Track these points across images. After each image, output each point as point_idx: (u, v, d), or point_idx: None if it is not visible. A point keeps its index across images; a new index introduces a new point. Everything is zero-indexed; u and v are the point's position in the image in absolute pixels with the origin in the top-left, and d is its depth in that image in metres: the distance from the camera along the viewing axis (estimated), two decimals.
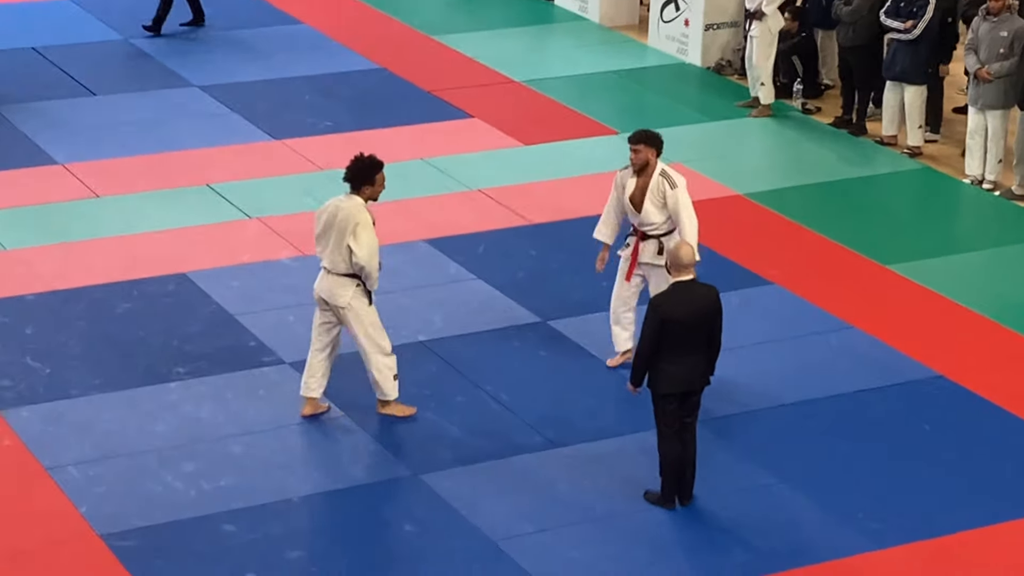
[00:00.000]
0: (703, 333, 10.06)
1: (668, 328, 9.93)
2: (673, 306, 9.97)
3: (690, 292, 10.02)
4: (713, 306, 10.07)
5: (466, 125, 16.56)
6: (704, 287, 10.14)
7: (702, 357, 10.10)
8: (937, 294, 13.24)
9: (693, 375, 10.07)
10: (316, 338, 11.11)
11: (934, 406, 11.59)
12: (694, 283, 10.07)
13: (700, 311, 10.02)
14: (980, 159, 15.41)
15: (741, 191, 15.11)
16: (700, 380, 10.14)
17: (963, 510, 10.37)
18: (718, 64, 18.35)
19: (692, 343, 10.02)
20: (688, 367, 10.03)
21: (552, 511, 10.24)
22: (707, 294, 10.10)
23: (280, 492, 10.35)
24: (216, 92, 17.19)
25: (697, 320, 10.01)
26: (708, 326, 10.07)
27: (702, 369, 10.12)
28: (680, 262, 10.02)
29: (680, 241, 10.20)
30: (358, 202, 11.03)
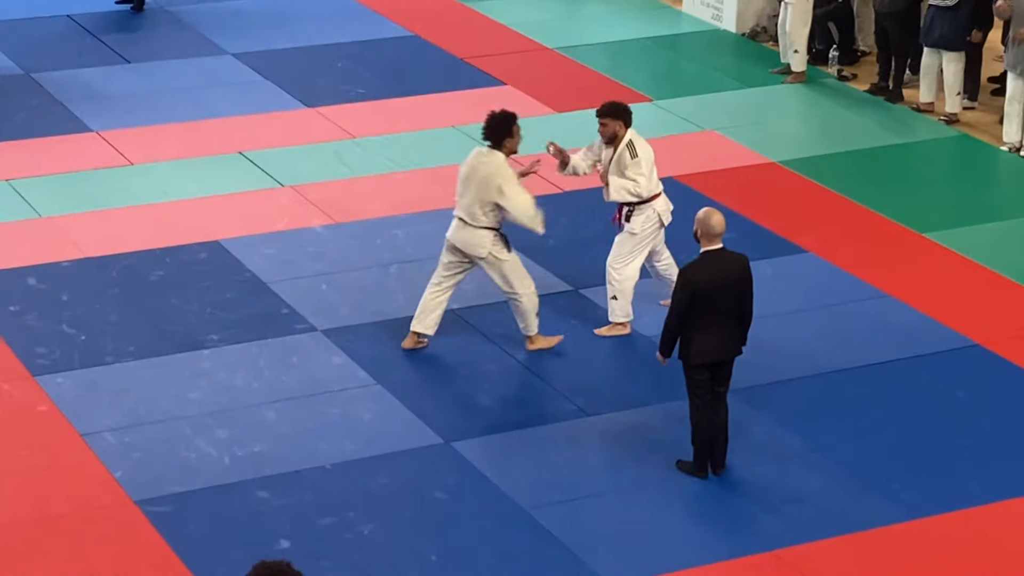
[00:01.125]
0: (734, 302, 9.99)
1: (699, 297, 9.88)
2: (703, 275, 9.92)
3: (720, 260, 9.97)
4: (743, 274, 10.00)
5: (499, 92, 16.52)
6: (734, 255, 10.07)
7: (734, 327, 10.04)
8: (973, 262, 13.16)
9: (725, 345, 10.02)
10: (438, 275, 11.51)
11: (969, 375, 11.53)
12: (724, 251, 10.00)
13: (730, 280, 9.95)
14: (1018, 126, 15.29)
15: (776, 159, 15.04)
16: (732, 350, 10.08)
17: (998, 480, 10.31)
18: (753, 30, 18.24)
19: (723, 312, 9.96)
20: (720, 337, 9.99)
21: (583, 479, 10.23)
22: (737, 261, 10.03)
23: (312, 459, 10.37)
24: (249, 60, 17.20)
25: (727, 289, 9.94)
26: (739, 295, 9.99)
27: (734, 339, 10.06)
28: (711, 231, 9.96)
29: (710, 209, 10.16)
30: (499, 159, 11.36)
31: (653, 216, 11.75)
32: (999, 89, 16.31)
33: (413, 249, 13.18)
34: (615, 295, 11.83)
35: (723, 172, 14.71)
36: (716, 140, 15.45)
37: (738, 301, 10.00)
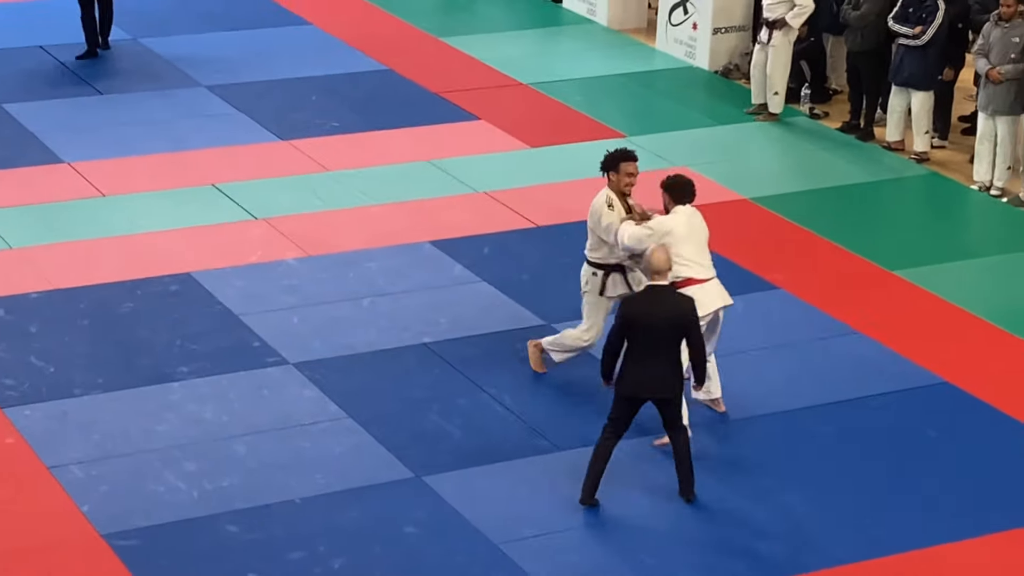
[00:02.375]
0: (670, 343, 9.98)
1: (633, 330, 9.94)
2: (638, 308, 10.00)
3: (661, 298, 10.01)
4: (684, 318, 9.99)
5: (472, 127, 16.55)
6: (679, 297, 10.12)
7: (667, 367, 10.02)
8: (943, 300, 13.21)
9: (654, 383, 10.03)
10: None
11: (939, 412, 11.56)
12: (667, 290, 10.05)
13: (667, 319, 9.95)
14: (988, 165, 15.38)
15: (748, 195, 15.09)
16: (660, 390, 10.08)
17: (968, 517, 10.34)
18: (726, 68, 18.32)
19: (656, 350, 9.96)
20: (649, 374, 10.00)
21: (554, 514, 10.21)
22: (680, 303, 10.04)
23: (282, 493, 10.34)
24: (223, 92, 17.20)
25: (663, 328, 9.94)
26: (676, 336, 9.98)
27: (666, 380, 10.04)
28: (653, 267, 10.01)
29: (656, 246, 10.19)
30: (603, 194, 11.39)
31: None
32: (970, 128, 16.41)
33: (386, 282, 13.18)
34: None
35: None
36: (689, 176, 15.46)
37: (675, 342, 9.98)
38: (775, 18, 16.69)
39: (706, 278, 10.98)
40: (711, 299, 10.93)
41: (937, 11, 15.68)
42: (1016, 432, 11.31)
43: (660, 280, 10.04)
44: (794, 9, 16.55)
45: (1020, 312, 13.05)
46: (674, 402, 10.17)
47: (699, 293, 10.78)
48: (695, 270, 10.94)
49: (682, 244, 10.91)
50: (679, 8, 18.61)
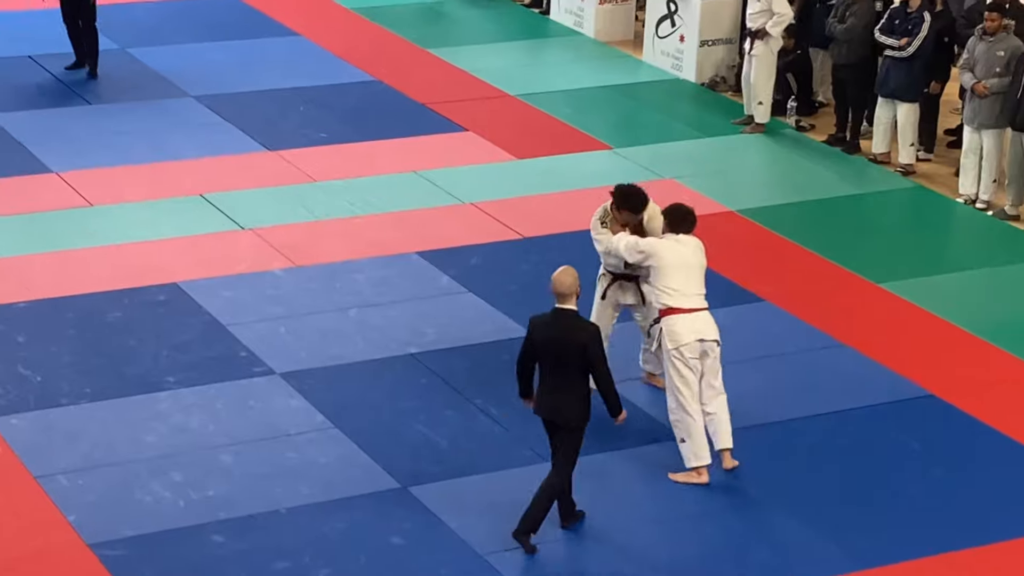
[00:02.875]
0: (569, 369, 9.73)
1: (534, 350, 9.86)
2: (539, 329, 9.84)
3: (563, 322, 9.76)
4: (573, 345, 9.68)
5: (460, 138, 16.59)
6: (581, 323, 9.81)
7: (566, 393, 9.77)
8: (928, 313, 13.25)
9: (553, 406, 9.85)
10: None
11: (924, 425, 11.59)
12: (569, 314, 9.76)
13: (563, 344, 9.71)
14: (974, 178, 15.44)
15: (734, 207, 15.13)
16: (559, 414, 9.83)
17: (952, 530, 10.37)
18: (712, 80, 18.38)
19: (556, 374, 9.78)
20: (550, 397, 9.86)
21: (541, 526, 10.22)
22: (573, 328, 9.73)
23: (268, 503, 10.35)
24: (211, 102, 17.21)
25: (560, 352, 9.72)
26: (573, 363, 9.72)
27: (566, 406, 9.79)
28: (556, 289, 9.79)
29: (565, 268, 9.93)
30: (602, 208, 11.41)
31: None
32: (955, 141, 16.48)
33: (373, 293, 13.20)
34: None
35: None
36: (675, 188, 15.52)
37: (572, 369, 9.73)
38: (756, 28, 16.78)
39: (689, 308, 10.69)
40: (685, 330, 10.63)
41: (923, 23, 15.75)
42: (1000, 444, 11.36)
43: (563, 303, 9.76)
44: (773, 18, 16.63)
45: (1005, 325, 13.10)
46: (569, 433, 9.84)
47: (676, 323, 10.61)
48: (677, 299, 10.68)
49: (668, 272, 10.73)
50: (666, 20, 18.67)
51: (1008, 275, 14.13)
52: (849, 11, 16.35)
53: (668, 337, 10.67)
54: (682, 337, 10.62)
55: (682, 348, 10.61)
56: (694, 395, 10.69)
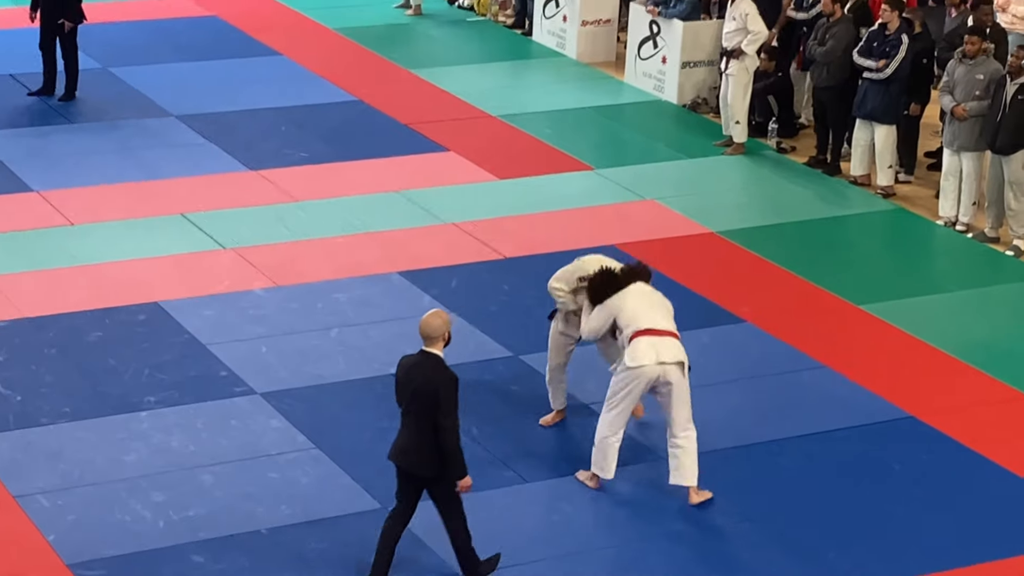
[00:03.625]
0: (420, 413, 9.39)
1: (396, 388, 9.59)
2: (401, 371, 9.54)
3: (422, 365, 9.43)
4: (427, 389, 9.34)
5: (441, 158, 16.61)
6: (433, 370, 9.37)
7: (416, 439, 9.43)
8: (908, 335, 13.29)
9: (402, 449, 9.54)
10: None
11: (904, 447, 11.62)
12: (429, 357, 9.41)
13: (407, 384, 9.43)
14: (954, 201, 15.49)
15: (715, 229, 15.16)
16: (408, 459, 9.50)
17: (932, 552, 10.39)
18: (694, 102, 18.43)
19: (409, 416, 9.49)
20: (403, 440, 9.56)
21: (521, 547, 10.23)
22: (431, 373, 9.36)
23: (249, 523, 10.33)
24: (193, 122, 17.21)
25: (410, 393, 9.42)
26: (425, 408, 9.36)
27: (417, 451, 9.44)
28: (421, 331, 9.46)
29: (434, 311, 9.58)
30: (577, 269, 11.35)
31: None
32: (935, 164, 16.54)
33: (354, 313, 13.19)
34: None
35: (663, 241, 14.82)
36: (656, 209, 15.57)
37: (427, 415, 9.37)
38: (732, 47, 16.86)
39: (657, 329, 10.50)
40: (644, 352, 10.41)
41: (900, 45, 15.82)
42: (980, 467, 11.39)
43: (429, 346, 9.42)
44: (748, 36, 16.71)
45: (985, 347, 13.14)
46: (433, 483, 9.51)
47: (639, 344, 10.41)
48: (643, 322, 10.51)
49: (636, 313, 10.55)
50: (648, 42, 18.72)
51: (988, 297, 14.18)
52: (829, 33, 16.42)
53: (628, 357, 10.46)
54: (637, 359, 10.43)
55: (642, 369, 10.41)
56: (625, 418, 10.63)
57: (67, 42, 17.48)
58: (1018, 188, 14.92)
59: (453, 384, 9.40)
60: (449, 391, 9.36)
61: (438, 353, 9.46)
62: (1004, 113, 14.81)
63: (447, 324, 9.48)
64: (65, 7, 17.31)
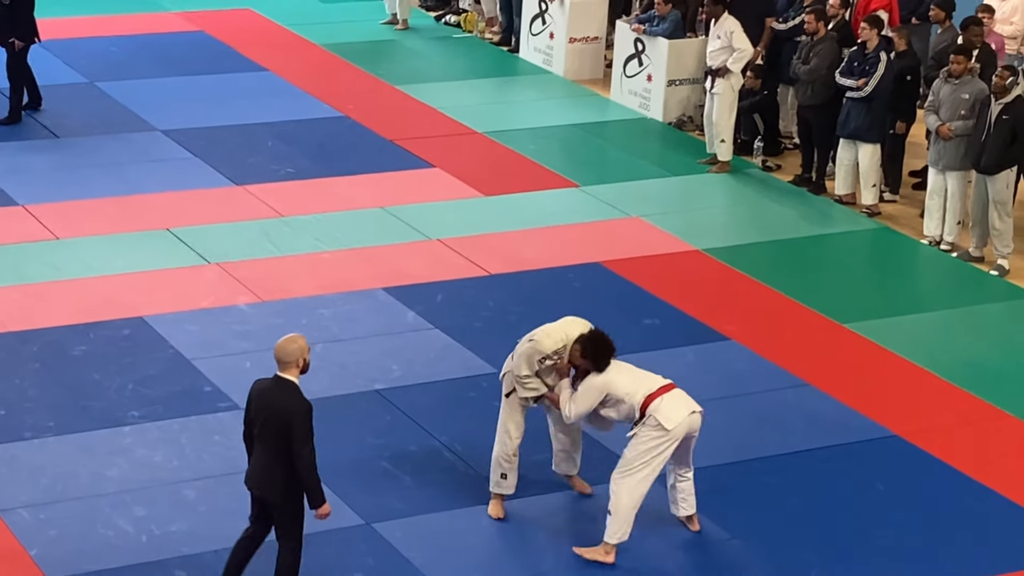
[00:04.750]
0: (272, 439, 9.21)
1: (248, 414, 9.42)
2: (253, 392, 9.40)
3: (276, 389, 9.25)
4: (280, 417, 9.16)
5: (427, 175, 16.61)
6: (286, 397, 9.17)
7: (268, 463, 9.27)
8: (892, 353, 13.31)
9: (255, 475, 9.39)
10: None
11: (887, 465, 11.63)
12: (283, 384, 9.22)
13: (268, 411, 9.22)
14: (939, 220, 15.53)
15: (700, 246, 15.18)
16: (260, 485, 9.36)
17: (915, 571, 10.39)
18: (679, 120, 18.47)
19: (260, 441, 9.35)
20: (256, 465, 9.38)
21: (503, 564, 10.22)
22: (284, 399, 9.18)
23: (232, 539, 10.24)
24: (179, 136, 17.20)
25: (263, 419, 9.24)
26: (277, 435, 9.17)
27: (266, 475, 9.30)
28: (275, 354, 9.26)
29: (292, 336, 9.34)
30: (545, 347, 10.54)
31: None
32: (920, 183, 16.58)
33: (339, 329, 13.19)
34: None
35: (648, 259, 14.84)
36: (641, 227, 15.59)
37: (279, 442, 9.19)
38: (717, 66, 16.90)
39: (665, 385, 10.23)
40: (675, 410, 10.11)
41: (879, 63, 15.86)
42: (964, 486, 11.40)
43: (282, 371, 9.23)
44: (734, 55, 16.76)
45: (968, 366, 13.17)
46: (280, 508, 9.35)
47: (663, 405, 10.08)
48: (649, 383, 10.22)
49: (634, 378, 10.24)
50: (634, 60, 18.76)
51: (972, 317, 14.21)
52: (813, 52, 16.47)
53: (663, 418, 10.07)
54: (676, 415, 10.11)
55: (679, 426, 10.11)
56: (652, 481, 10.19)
57: (15, 61, 17.13)
58: (1002, 208, 14.96)
59: (307, 413, 9.20)
60: (303, 420, 9.17)
61: (293, 380, 9.23)
62: (989, 133, 14.86)
63: (304, 351, 9.25)
64: (15, 26, 16.98)
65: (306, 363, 9.32)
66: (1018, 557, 10.57)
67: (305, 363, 9.31)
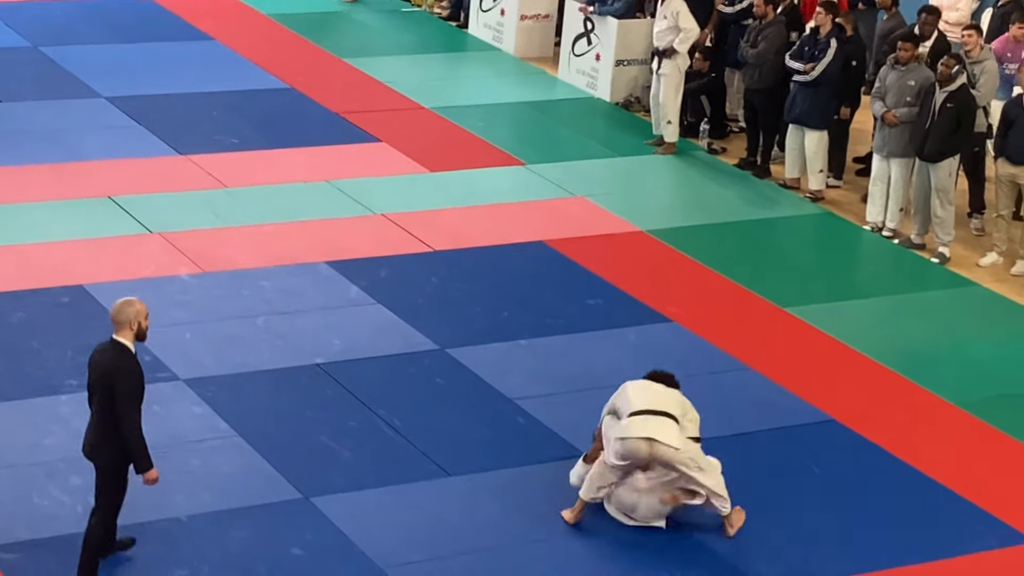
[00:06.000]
0: (94, 396, 9.27)
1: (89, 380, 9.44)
2: (91, 356, 9.39)
3: (102, 350, 9.29)
4: (105, 378, 9.19)
5: (373, 149, 16.56)
6: (121, 357, 9.22)
7: (97, 427, 9.29)
8: (832, 338, 13.38)
9: (86, 439, 9.40)
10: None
11: (824, 449, 11.70)
12: (117, 345, 9.23)
13: (96, 372, 9.24)
14: (881, 206, 15.61)
15: (644, 227, 15.20)
16: (88, 446, 9.38)
17: (851, 554, 10.47)
18: (626, 100, 18.48)
19: (91, 403, 9.33)
20: (89, 428, 9.40)
21: (442, 540, 10.23)
22: (108, 361, 9.21)
23: (167, 510, 10.26)
24: (123, 104, 17.07)
25: (92, 381, 9.28)
26: (104, 396, 9.21)
27: (95, 440, 9.31)
28: (111, 317, 9.33)
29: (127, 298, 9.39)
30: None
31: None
32: (864, 169, 16.67)
33: (281, 302, 13.13)
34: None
35: (592, 238, 14.85)
36: (586, 206, 15.60)
37: (106, 404, 9.21)
38: (664, 46, 16.92)
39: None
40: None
41: (829, 49, 15.92)
42: (900, 471, 11.48)
43: (117, 333, 9.26)
44: (680, 35, 16.78)
45: (908, 352, 13.25)
46: (102, 468, 9.35)
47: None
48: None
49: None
50: (582, 39, 18.76)
51: (912, 303, 14.30)
52: (761, 36, 16.51)
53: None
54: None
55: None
56: None
57: None
58: (944, 196, 15.06)
59: (132, 374, 9.20)
60: (128, 381, 9.16)
61: (126, 342, 9.23)
62: (933, 121, 14.94)
63: (139, 315, 9.26)
64: None
65: (141, 329, 9.29)
66: (952, 542, 10.66)
67: (140, 328, 9.28)
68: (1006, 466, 11.65)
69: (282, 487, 10.62)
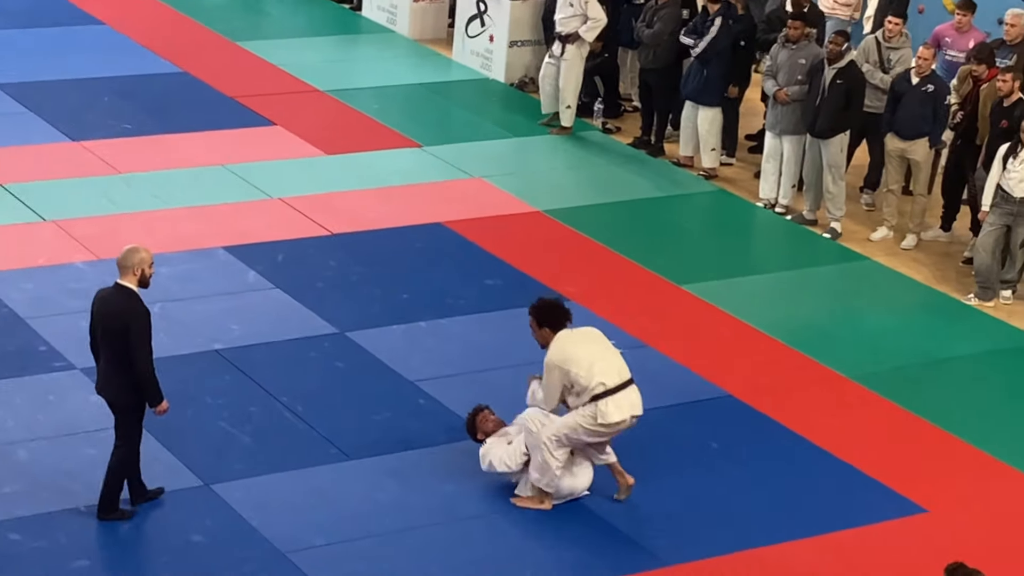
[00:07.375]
0: (113, 345, 9.70)
1: (92, 322, 9.84)
2: (96, 302, 9.84)
3: (113, 296, 9.73)
4: (118, 322, 9.64)
5: (268, 132, 16.49)
6: (130, 301, 9.66)
7: (110, 367, 9.79)
8: (728, 314, 13.53)
9: (101, 382, 9.91)
10: None
11: (722, 425, 11.83)
12: (123, 290, 9.68)
13: (107, 317, 9.69)
14: (774, 183, 15.79)
15: (541, 208, 15.27)
16: (105, 389, 9.89)
17: (749, 528, 10.60)
18: (521, 81, 18.53)
19: (103, 348, 9.81)
20: (101, 372, 9.90)
21: (344, 524, 10.24)
22: (122, 305, 9.65)
23: (67, 500, 10.19)
24: (13, 90, 16.87)
25: (103, 326, 9.72)
26: (117, 340, 9.66)
27: (109, 379, 9.83)
28: (118, 262, 9.73)
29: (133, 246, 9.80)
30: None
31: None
32: (756, 147, 16.84)
33: (178, 288, 13.06)
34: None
35: (489, 219, 14.90)
36: (483, 187, 15.65)
37: (119, 347, 9.67)
38: (568, 32, 16.96)
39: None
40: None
41: (712, 26, 16.06)
42: (796, 444, 11.64)
43: (122, 278, 9.70)
44: (588, 23, 16.84)
45: (801, 327, 13.43)
46: (119, 408, 9.88)
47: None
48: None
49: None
50: (476, 20, 18.77)
51: (804, 278, 14.49)
52: (656, 16, 16.62)
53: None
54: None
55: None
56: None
57: None
58: (836, 171, 15.25)
59: (144, 317, 9.67)
60: (140, 324, 9.64)
61: (131, 286, 9.68)
62: (823, 97, 15.12)
63: (144, 262, 9.71)
64: None
65: (144, 275, 9.74)
66: (847, 514, 10.83)
67: (143, 275, 9.73)
68: (901, 438, 11.85)
69: (181, 474, 10.58)
